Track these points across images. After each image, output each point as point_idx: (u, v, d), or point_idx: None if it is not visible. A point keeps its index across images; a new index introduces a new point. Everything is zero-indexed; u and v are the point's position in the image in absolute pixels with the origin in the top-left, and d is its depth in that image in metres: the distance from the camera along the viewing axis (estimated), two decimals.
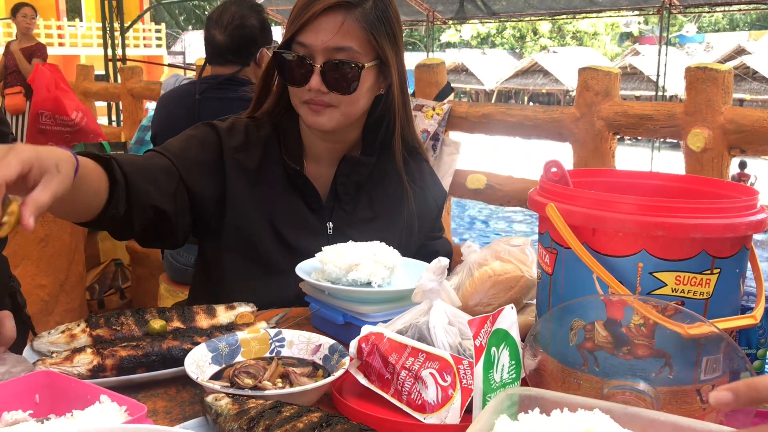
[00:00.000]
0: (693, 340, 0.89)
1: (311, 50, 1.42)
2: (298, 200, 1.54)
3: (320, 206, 1.55)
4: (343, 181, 1.57)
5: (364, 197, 1.61)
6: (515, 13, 14.08)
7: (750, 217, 0.92)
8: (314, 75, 1.42)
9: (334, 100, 1.45)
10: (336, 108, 1.47)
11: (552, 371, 0.97)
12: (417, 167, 1.69)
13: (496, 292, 1.20)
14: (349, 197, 1.58)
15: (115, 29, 8.39)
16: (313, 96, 1.45)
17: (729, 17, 35.52)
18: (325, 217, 1.56)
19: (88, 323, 1.15)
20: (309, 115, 1.47)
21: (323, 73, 1.42)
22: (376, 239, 1.37)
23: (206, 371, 1.04)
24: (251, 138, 1.55)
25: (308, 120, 1.48)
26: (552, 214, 0.96)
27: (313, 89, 1.43)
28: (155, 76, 11.40)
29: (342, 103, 1.46)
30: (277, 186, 1.53)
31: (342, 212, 1.57)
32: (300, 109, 1.49)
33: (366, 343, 1.03)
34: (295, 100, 1.50)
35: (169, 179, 1.43)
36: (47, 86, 4.11)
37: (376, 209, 1.61)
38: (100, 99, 6.40)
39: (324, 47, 1.41)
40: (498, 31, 37.66)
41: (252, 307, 1.28)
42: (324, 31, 1.41)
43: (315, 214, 1.55)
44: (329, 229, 1.56)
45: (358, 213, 1.59)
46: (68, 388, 0.92)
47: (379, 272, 1.24)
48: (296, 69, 1.44)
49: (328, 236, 1.54)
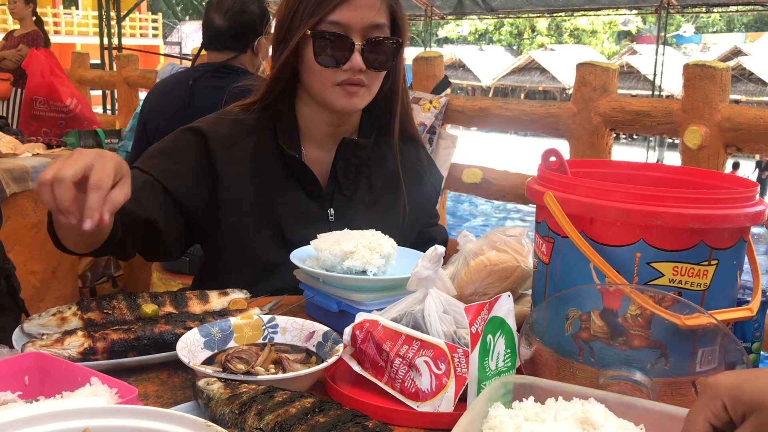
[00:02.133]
0: (689, 331, 0.88)
1: (348, 29, 1.39)
2: (297, 189, 1.52)
3: (320, 193, 1.53)
4: (342, 165, 1.53)
5: (364, 180, 1.58)
6: (513, 9, 14.07)
7: (748, 208, 0.91)
8: (355, 53, 1.39)
9: (369, 78, 1.43)
10: (367, 88, 1.45)
11: (547, 361, 0.96)
12: (415, 153, 1.68)
13: (492, 281, 1.19)
14: (349, 182, 1.55)
15: (112, 18, 8.34)
16: (350, 75, 1.41)
17: (726, 18, 35.58)
18: (326, 204, 1.53)
19: (80, 306, 1.13)
20: (342, 97, 1.44)
21: (363, 51, 1.40)
22: (378, 224, 1.36)
23: (198, 356, 1.03)
24: (240, 130, 1.51)
25: (340, 102, 1.44)
26: (550, 202, 0.96)
27: (354, 68, 1.40)
28: (151, 65, 11.34)
29: (372, 81, 1.45)
30: (275, 176, 1.51)
31: (342, 197, 1.55)
32: (329, 92, 1.44)
33: (360, 331, 1.02)
34: (324, 83, 1.44)
35: (154, 194, 1.39)
36: (42, 72, 4.08)
37: (377, 193, 1.59)
38: (96, 87, 6.36)
39: (364, 25, 1.39)
40: (496, 28, 37.65)
41: (245, 293, 1.27)
42: (363, 8, 1.39)
43: (315, 201, 1.52)
44: (330, 216, 1.53)
45: (358, 197, 1.56)
46: (58, 369, 0.91)
47: (375, 261, 1.23)
48: (335, 49, 1.40)
49: (330, 223, 1.52)
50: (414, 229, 1.66)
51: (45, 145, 3.61)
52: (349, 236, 1.27)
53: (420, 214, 1.66)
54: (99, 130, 4.10)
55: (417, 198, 1.64)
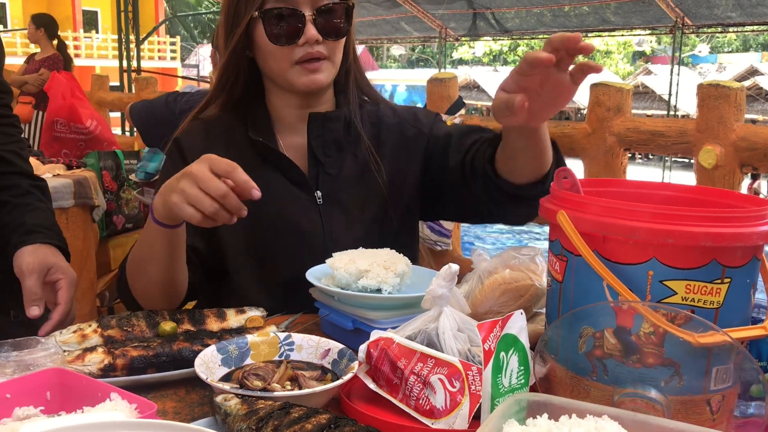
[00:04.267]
0: (703, 349, 0.88)
1: (295, 3, 1.37)
2: (280, 179, 1.48)
3: (303, 178, 1.48)
4: (318, 143, 1.48)
5: (349, 156, 1.52)
6: (528, 30, 14.16)
7: (761, 227, 0.91)
8: (308, 24, 1.37)
9: (328, 49, 1.41)
10: (329, 60, 1.42)
11: (561, 378, 0.97)
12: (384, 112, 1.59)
13: (506, 300, 1.20)
14: (331, 159, 1.50)
15: (131, 41, 8.48)
16: (308, 50, 1.39)
17: (742, 38, 35.49)
18: (312, 188, 1.49)
19: (100, 324, 1.16)
20: (304, 75, 1.40)
21: (316, 21, 1.37)
22: (369, 197, 1.39)
23: (216, 373, 1.05)
24: (211, 133, 1.50)
25: (302, 81, 1.41)
26: (563, 221, 0.97)
27: (309, 41, 1.37)
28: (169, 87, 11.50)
29: (333, 52, 1.42)
30: (254, 171, 1.45)
31: (328, 177, 1.49)
32: (289, 72, 1.41)
33: (375, 348, 1.03)
34: (282, 64, 1.41)
35: None
36: (63, 94, 4.16)
37: (361, 163, 1.52)
38: (115, 109, 6.47)
39: None
40: (510, 49, 37.77)
41: (262, 311, 1.28)
42: None
43: (300, 187, 1.48)
44: (318, 199, 1.48)
45: (345, 174, 1.50)
46: (79, 385, 0.93)
47: (390, 279, 1.24)
48: (286, 25, 1.37)
49: (319, 206, 1.48)
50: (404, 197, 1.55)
51: (65, 165, 3.67)
52: (364, 254, 1.28)
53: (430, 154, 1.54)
54: (118, 151, 4.16)
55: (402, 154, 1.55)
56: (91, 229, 3.55)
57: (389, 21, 14.81)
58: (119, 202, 4.12)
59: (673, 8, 11.23)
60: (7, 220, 1.48)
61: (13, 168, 1.55)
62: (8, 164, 1.54)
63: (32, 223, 1.46)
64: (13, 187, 1.52)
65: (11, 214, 1.49)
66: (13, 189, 1.52)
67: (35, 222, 1.47)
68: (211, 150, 1.48)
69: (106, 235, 4.08)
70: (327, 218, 1.47)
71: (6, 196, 1.51)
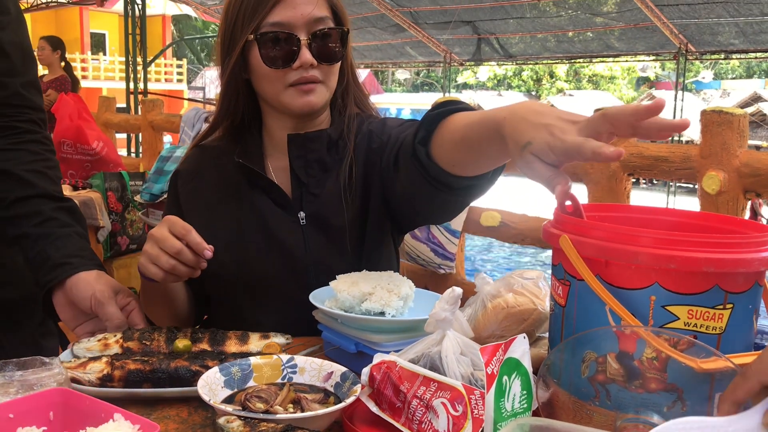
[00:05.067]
0: (706, 375, 0.88)
1: (291, 27, 1.38)
2: (266, 200, 1.49)
3: (285, 199, 1.49)
4: (300, 164, 1.49)
5: (333, 175, 1.50)
6: (532, 55, 14.25)
7: (763, 252, 0.92)
8: (303, 49, 1.38)
9: (323, 73, 1.42)
10: (323, 83, 1.43)
11: (564, 403, 0.97)
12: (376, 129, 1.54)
13: (509, 324, 1.20)
14: (314, 180, 1.49)
15: (138, 63, 8.56)
16: (302, 74, 1.40)
17: (745, 65, 35.65)
18: (295, 209, 1.49)
19: (124, 335, 1.22)
20: (298, 97, 1.41)
21: (311, 45, 1.39)
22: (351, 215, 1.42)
23: (218, 394, 1.05)
24: (205, 159, 1.55)
25: (296, 103, 1.42)
26: (565, 245, 0.97)
27: (304, 65, 1.38)
28: (175, 109, 11.58)
29: (328, 76, 1.43)
30: (240, 196, 1.50)
31: (311, 197, 1.49)
32: (283, 94, 1.42)
33: (378, 372, 1.03)
34: (277, 86, 1.42)
35: None
36: (70, 115, 4.19)
37: (344, 181, 1.49)
38: (121, 130, 6.51)
39: (306, 21, 1.38)
40: (515, 74, 38.00)
41: (288, 338, 1.27)
42: (301, 4, 1.38)
43: (284, 209, 1.49)
44: (302, 220, 1.48)
45: (329, 193, 1.49)
46: (82, 406, 0.93)
47: (393, 303, 1.24)
48: (281, 49, 1.38)
49: (302, 227, 1.48)
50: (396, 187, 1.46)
51: (71, 186, 3.69)
52: (367, 277, 1.29)
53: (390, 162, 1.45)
54: (124, 172, 4.18)
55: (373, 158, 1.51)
56: (96, 249, 3.56)
57: (394, 45, 14.93)
58: (124, 223, 4.14)
59: (676, 35, 11.31)
60: (30, 255, 1.40)
61: (34, 190, 1.44)
62: (28, 186, 1.43)
63: (58, 256, 1.38)
64: (34, 215, 1.42)
65: (34, 248, 1.40)
66: (33, 217, 1.42)
67: (61, 254, 1.38)
68: (201, 174, 1.55)
69: (110, 255, 4.09)
70: (309, 238, 1.48)
71: (26, 227, 1.41)
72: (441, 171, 1.22)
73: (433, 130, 1.22)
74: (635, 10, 10.79)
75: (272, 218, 1.48)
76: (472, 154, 1.15)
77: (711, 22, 10.77)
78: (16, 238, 1.42)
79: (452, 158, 1.20)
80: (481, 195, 1.31)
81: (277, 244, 1.47)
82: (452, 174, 1.22)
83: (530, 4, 11.49)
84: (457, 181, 1.23)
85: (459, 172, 1.21)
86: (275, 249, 1.47)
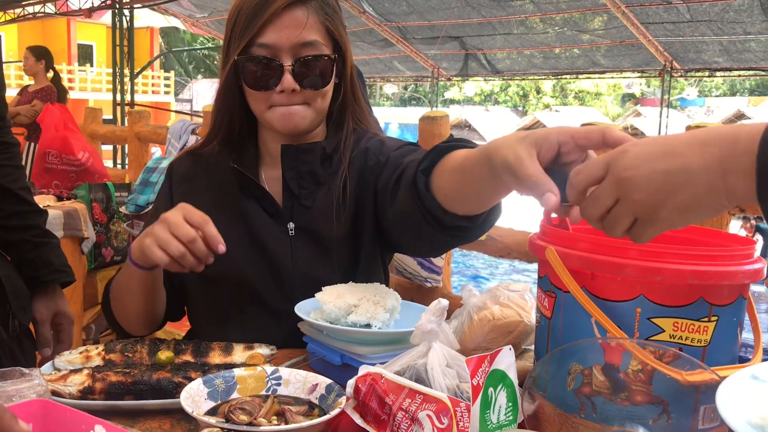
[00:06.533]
0: (691, 387, 0.88)
1: (276, 50, 1.37)
2: (257, 209, 1.49)
3: (276, 209, 1.48)
4: (293, 175, 1.48)
5: (325, 188, 1.50)
6: (519, 71, 14.36)
7: (747, 266, 0.92)
8: (285, 75, 1.37)
9: (307, 97, 1.41)
10: (309, 106, 1.42)
11: (550, 416, 0.96)
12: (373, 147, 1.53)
13: (495, 336, 1.20)
14: (306, 191, 1.49)
15: (125, 75, 8.55)
16: (285, 97, 1.39)
17: (729, 82, 36.12)
18: (285, 219, 1.48)
19: (106, 347, 1.20)
20: (280, 120, 1.41)
21: (294, 71, 1.38)
22: (341, 230, 1.42)
23: (201, 406, 1.03)
24: (201, 163, 1.54)
25: (279, 124, 1.42)
26: (551, 257, 0.97)
27: (286, 90, 1.38)
28: (162, 121, 11.56)
29: (314, 99, 1.42)
30: (232, 202, 1.49)
31: (302, 209, 1.48)
32: (266, 114, 1.43)
33: (363, 384, 1.02)
34: (261, 106, 1.43)
35: None
36: (56, 126, 4.17)
37: (336, 196, 1.48)
38: (107, 141, 6.48)
39: (291, 44, 1.36)
40: (501, 89, 38.25)
41: (272, 349, 1.27)
42: (288, 28, 1.36)
43: (274, 218, 1.48)
44: (291, 231, 1.47)
45: (320, 207, 1.48)
46: (63, 417, 0.91)
47: (379, 315, 1.24)
48: (264, 72, 1.38)
49: (290, 238, 1.47)
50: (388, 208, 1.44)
51: (56, 197, 3.66)
52: (353, 289, 1.28)
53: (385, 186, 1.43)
54: (109, 183, 4.16)
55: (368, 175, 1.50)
56: (80, 260, 3.53)
57: (382, 60, 15.00)
58: (109, 234, 4.11)
59: (662, 52, 11.45)
60: (30, 256, 1.62)
61: (29, 207, 1.65)
62: (23, 203, 1.64)
63: (57, 263, 1.66)
64: (32, 228, 1.64)
65: (34, 251, 1.63)
66: (33, 230, 1.64)
67: (59, 261, 1.67)
68: (197, 177, 1.54)
69: (95, 267, 4.06)
70: (296, 250, 1.47)
71: (27, 236, 1.63)
72: (435, 204, 1.18)
73: (438, 161, 1.19)
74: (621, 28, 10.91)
75: (262, 227, 1.48)
76: (464, 185, 1.11)
77: (695, 40, 10.91)
78: (16, 242, 1.61)
79: (446, 187, 1.16)
80: (467, 241, 1.28)
81: (265, 252, 1.46)
82: (445, 208, 1.17)
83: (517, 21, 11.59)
84: (448, 218, 1.18)
85: (451, 207, 1.16)
86: (263, 257, 1.46)
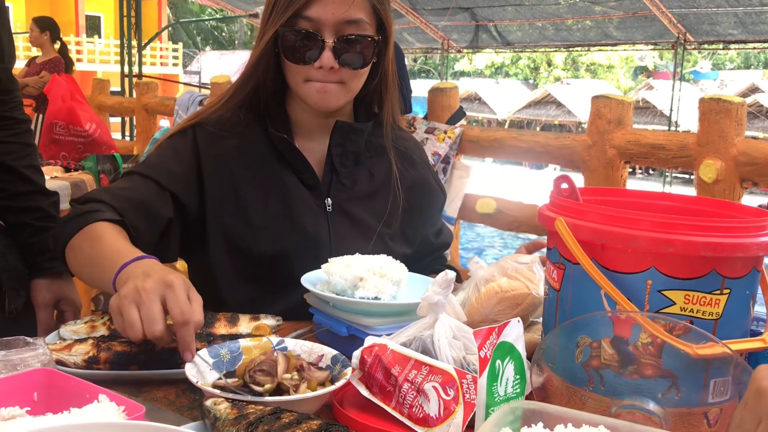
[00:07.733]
0: (702, 361, 0.87)
1: (319, 25, 1.35)
2: (292, 178, 1.46)
3: (316, 182, 1.46)
4: (339, 151, 1.47)
5: (365, 171, 1.52)
6: (530, 43, 14.19)
7: (761, 237, 0.90)
8: (326, 51, 1.35)
9: (345, 76, 1.40)
10: (344, 85, 1.41)
11: (558, 389, 0.95)
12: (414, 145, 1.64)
13: (503, 308, 1.19)
14: (347, 170, 1.49)
15: (133, 47, 8.49)
16: (321, 74, 1.38)
17: (743, 55, 35.64)
18: (323, 194, 1.47)
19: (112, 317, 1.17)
20: (314, 95, 1.40)
21: (335, 48, 1.36)
22: (378, 215, 1.40)
23: (207, 377, 1.03)
24: (228, 125, 1.46)
25: (312, 99, 1.41)
26: (561, 228, 0.96)
27: (325, 66, 1.36)
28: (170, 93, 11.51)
29: (350, 78, 1.41)
30: (266, 167, 1.45)
31: (341, 186, 1.48)
32: (302, 88, 1.41)
33: (369, 355, 1.01)
34: (297, 78, 1.41)
35: (163, 199, 1.37)
36: (63, 97, 4.16)
37: (377, 183, 1.52)
38: (115, 113, 6.47)
39: (336, 20, 1.34)
40: (512, 62, 37.89)
41: (278, 320, 1.26)
42: (335, 3, 1.34)
43: (311, 190, 1.46)
44: (328, 206, 1.47)
45: (359, 188, 1.50)
46: (67, 386, 0.91)
47: (387, 288, 1.23)
48: (304, 46, 1.36)
49: (327, 214, 1.47)
50: (417, 230, 1.59)
51: (63, 168, 3.66)
52: (359, 260, 1.27)
53: (424, 213, 1.60)
54: (117, 154, 4.15)
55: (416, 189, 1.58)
56: None
57: None
58: None
59: (675, 24, 11.28)
60: (31, 241, 1.56)
61: (33, 186, 1.57)
62: (28, 182, 1.56)
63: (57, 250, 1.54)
64: (35, 210, 1.56)
65: (35, 236, 1.56)
66: (35, 212, 1.56)
67: None
68: (226, 140, 1.45)
69: None
70: (334, 227, 1.46)
71: (29, 219, 1.56)
72: None
73: None
74: None
75: (299, 198, 1.45)
76: None
77: (710, 11, 10.73)
78: (16, 225, 1.55)
79: None
80: None
81: (299, 223, 1.43)
82: None
83: None
84: None
85: None
86: (296, 227, 1.43)
